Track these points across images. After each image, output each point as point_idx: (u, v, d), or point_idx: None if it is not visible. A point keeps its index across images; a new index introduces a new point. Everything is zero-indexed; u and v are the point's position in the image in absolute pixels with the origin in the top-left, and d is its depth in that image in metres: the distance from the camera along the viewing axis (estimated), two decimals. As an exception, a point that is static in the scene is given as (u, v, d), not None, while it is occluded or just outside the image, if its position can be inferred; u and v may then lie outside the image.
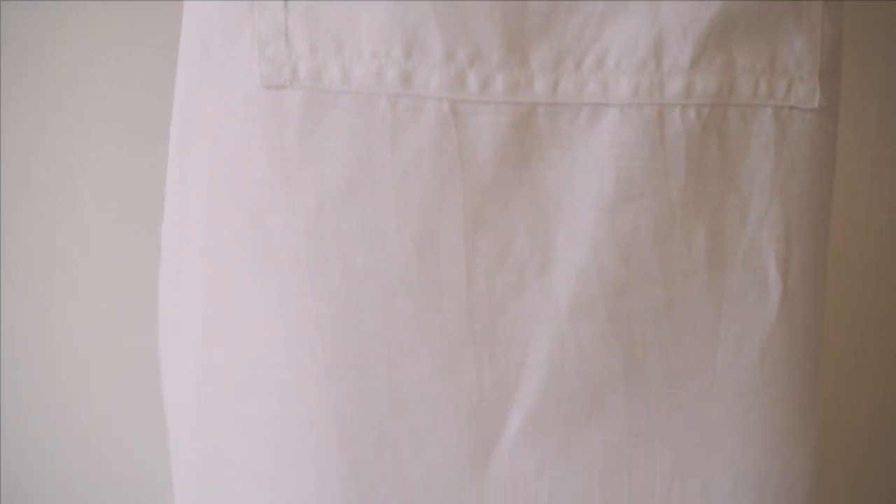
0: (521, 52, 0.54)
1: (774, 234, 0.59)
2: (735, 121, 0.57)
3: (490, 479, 0.58)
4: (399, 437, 0.57)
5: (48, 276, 0.87)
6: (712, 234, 0.58)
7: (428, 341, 0.56)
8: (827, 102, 0.59)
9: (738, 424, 0.61)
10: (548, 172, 0.56)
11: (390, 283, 0.55)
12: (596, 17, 0.54)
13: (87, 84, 0.85)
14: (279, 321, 0.57)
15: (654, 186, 0.56)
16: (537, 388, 0.57)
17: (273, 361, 0.57)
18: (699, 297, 0.58)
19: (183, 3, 0.58)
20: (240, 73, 0.54)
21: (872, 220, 1.02)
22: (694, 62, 0.55)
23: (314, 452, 0.57)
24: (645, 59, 0.55)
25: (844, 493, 1.02)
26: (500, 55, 0.54)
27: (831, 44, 0.59)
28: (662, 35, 0.55)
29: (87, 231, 0.87)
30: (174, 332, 0.63)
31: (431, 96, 0.53)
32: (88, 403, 0.89)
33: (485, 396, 0.57)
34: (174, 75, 0.59)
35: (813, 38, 0.58)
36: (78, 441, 0.90)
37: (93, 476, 0.91)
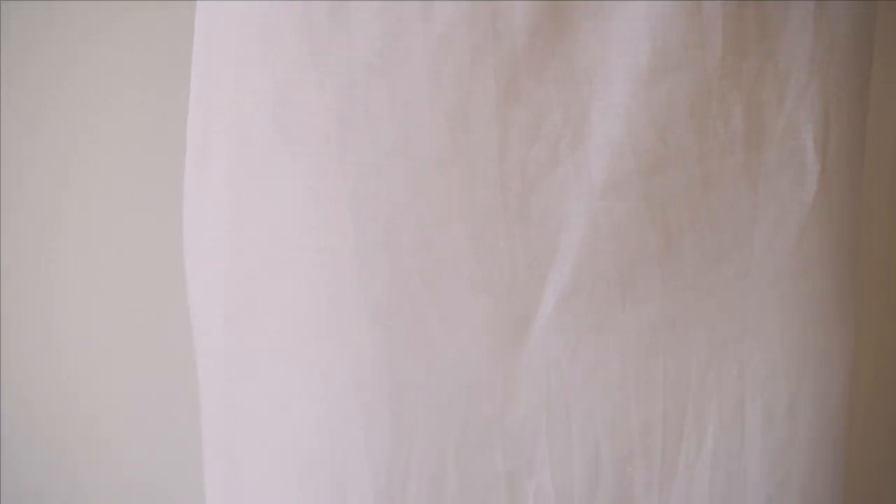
0: None
1: (812, 114, 0.58)
2: None
3: (523, 361, 0.57)
4: (431, 317, 0.56)
5: (48, 276, 0.87)
6: (749, 110, 0.57)
7: (460, 218, 0.55)
8: None
9: (774, 311, 0.60)
10: (582, 44, 0.54)
11: (422, 159, 0.55)
12: None
13: (87, 83, 0.85)
14: (309, 201, 0.56)
15: (690, 59, 0.55)
16: (571, 268, 0.56)
17: (303, 242, 0.56)
18: (735, 176, 0.57)
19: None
20: None
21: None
22: None
23: (345, 334, 0.57)
24: None
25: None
26: None
27: None
28: None
29: (88, 230, 0.87)
30: (201, 224, 0.62)
31: None
32: (90, 403, 0.90)
33: (518, 275, 0.56)
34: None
35: None
36: (80, 441, 0.90)
37: (94, 476, 0.91)
